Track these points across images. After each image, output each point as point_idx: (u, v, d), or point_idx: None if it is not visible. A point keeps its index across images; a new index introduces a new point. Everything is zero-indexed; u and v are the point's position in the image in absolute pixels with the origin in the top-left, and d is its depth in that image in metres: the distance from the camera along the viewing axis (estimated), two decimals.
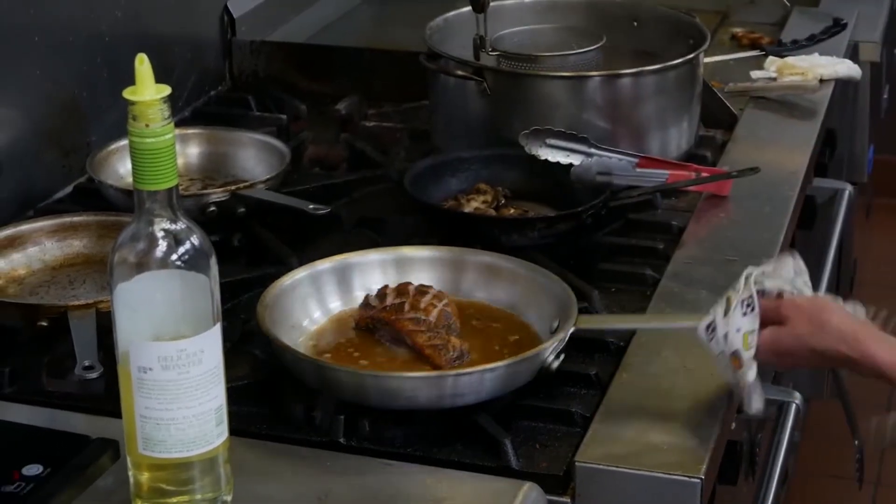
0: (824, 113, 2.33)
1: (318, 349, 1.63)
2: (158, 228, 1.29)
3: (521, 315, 1.68)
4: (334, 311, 1.70)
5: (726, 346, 1.48)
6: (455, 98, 2.15)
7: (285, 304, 1.65)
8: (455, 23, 2.27)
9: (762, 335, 1.49)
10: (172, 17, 2.37)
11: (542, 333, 1.63)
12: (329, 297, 1.70)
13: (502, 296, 1.71)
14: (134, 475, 1.35)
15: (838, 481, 3.14)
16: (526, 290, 1.69)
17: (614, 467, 1.45)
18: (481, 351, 1.61)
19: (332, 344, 1.65)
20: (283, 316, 1.64)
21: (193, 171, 2.10)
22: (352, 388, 1.51)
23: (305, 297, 1.68)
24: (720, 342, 1.49)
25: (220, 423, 1.33)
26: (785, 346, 1.49)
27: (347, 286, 1.71)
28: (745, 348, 1.47)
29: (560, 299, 1.63)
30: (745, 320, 1.48)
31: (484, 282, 1.72)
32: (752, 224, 1.96)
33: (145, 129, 1.25)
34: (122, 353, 1.30)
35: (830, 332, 1.48)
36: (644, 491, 1.44)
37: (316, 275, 1.70)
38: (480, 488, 1.43)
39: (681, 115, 2.15)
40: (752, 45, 2.64)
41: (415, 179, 1.99)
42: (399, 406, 1.51)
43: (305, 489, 1.43)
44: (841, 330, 1.48)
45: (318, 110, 2.39)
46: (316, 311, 1.69)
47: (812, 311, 1.50)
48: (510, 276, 1.71)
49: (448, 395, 1.50)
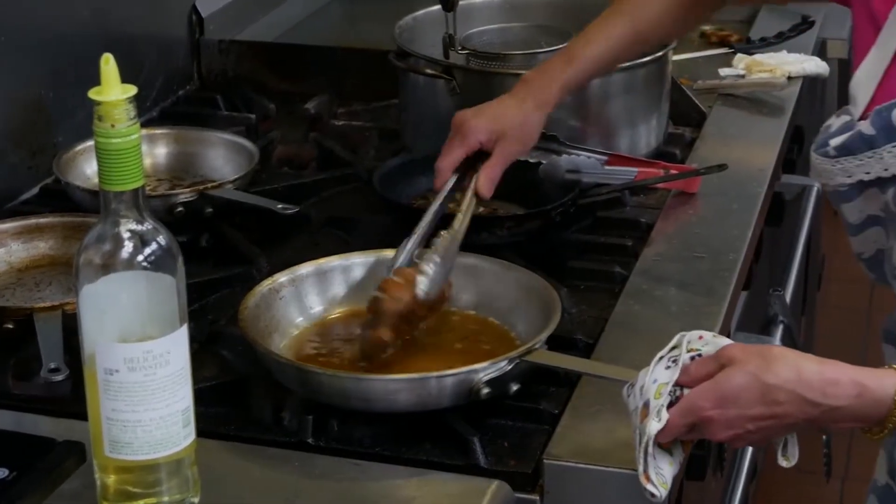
0: (792, 110, 2.34)
1: (301, 353, 1.63)
2: (124, 229, 1.28)
3: (504, 322, 1.67)
4: (316, 315, 1.69)
5: (639, 400, 1.36)
6: (425, 97, 2.15)
7: (268, 308, 1.64)
8: (424, 21, 2.27)
9: (703, 384, 1.34)
10: (140, 16, 2.36)
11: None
12: (310, 301, 1.70)
13: (484, 300, 1.70)
14: (100, 478, 1.34)
15: (806, 475, 3.14)
16: (510, 296, 1.68)
17: (583, 464, 1.45)
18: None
19: (315, 347, 1.64)
20: (265, 319, 1.63)
21: (161, 171, 2.09)
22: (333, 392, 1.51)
23: (288, 300, 1.68)
24: (636, 396, 1.37)
25: (188, 425, 1.33)
26: (733, 387, 1.32)
27: (328, 289, 1.71)
28: (656, 397, 1.34)
29: (546, 312, 1.61)
30: (665, 373, 1.36)
31: (472, 286, 1.71)
32: (720, 221, 1.96)
33: (111, 129, 1.25)
34: (88, 354, 1.30)
35: (787, 364, 1.33)
36: (612, 488, 1.44)
37: (297, 279, 1.69)
38: (449, 487, 1.43)
39: (650, 113, 2.15)
40: (720, 43, 2.64)
41: (384, 178, 1.99)
42: (380, 409, 1.51)
43: (274, 490, 1.43)
44: (797, 360, 1.34)
45: (286, 109, 2.39)
46: (298, 315, 1.68)
47: (761, 349, 1.36)
48: (496, 280, 1.70)
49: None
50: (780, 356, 1.34)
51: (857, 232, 1.60)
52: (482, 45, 2.19)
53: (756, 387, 1.32)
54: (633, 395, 1.38)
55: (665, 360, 1.37)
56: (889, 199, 1.53)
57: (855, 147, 1.53)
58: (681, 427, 1.35)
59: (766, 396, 1.32)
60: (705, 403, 1.33)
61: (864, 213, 1.57)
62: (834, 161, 1.54)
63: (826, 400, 1.32)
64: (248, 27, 2.64)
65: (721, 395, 1.33)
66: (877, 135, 1.52)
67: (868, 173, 1.52)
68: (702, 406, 1.33)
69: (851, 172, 1.52)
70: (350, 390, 1.50)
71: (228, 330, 1.68)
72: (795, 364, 1.33)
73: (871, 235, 1.59)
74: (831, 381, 1.32)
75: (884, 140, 1.51)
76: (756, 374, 1.32)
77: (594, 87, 2.08)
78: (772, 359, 1.33)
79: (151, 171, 2.07)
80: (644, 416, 1.34)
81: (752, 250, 1.95)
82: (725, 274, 1.82)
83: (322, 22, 2.84)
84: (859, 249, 1.62)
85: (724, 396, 1.32)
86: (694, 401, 1.34)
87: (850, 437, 3.29)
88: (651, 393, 1.34)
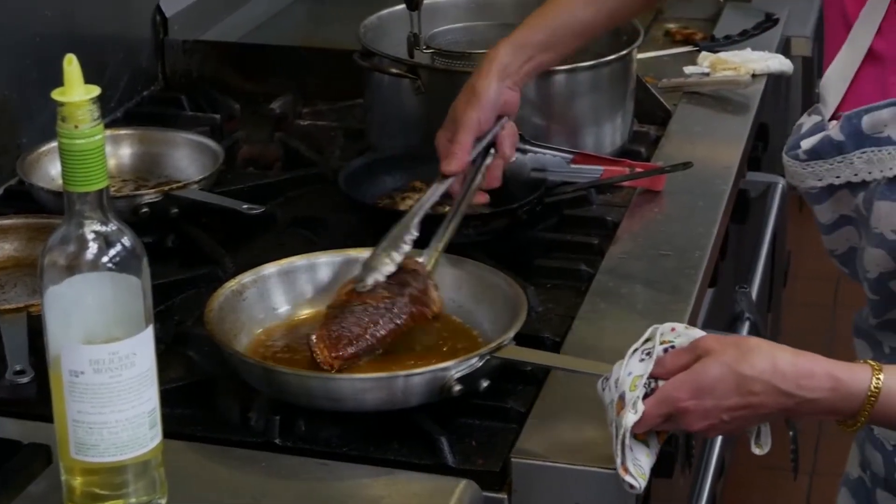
0: (757, 107, 2.35)
1: (268, 353, 1.62)
2: (89, 230, 1.28)
3: (470, 322, 1.67)
4: (283, 315, 1.69)
5: (614, 393, 1.37)
6: (390, 96, 2.14)
7: (232, 309, 1.64)
8: (389, 21, 2.26)
9: (678, 375, 1.35)
10: (104, 16, 2.35)
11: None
12: (276, 301, 1.69)
13: (457, 298, 1.70)
14: (67, 480, 1.34)
15: (774, 472, 3.16)
16: (480, 296, 1.68)
17: (550, 463, 1.45)
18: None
19: (281, 347, 1.64)
20: (230, 320, 1.63)
21: (126, 172, 2.09)
22: (298, 391, 1.51)
23: (253, 301, 1.67)
24: (611, 389, 1.38)
25: (154, 426, 1.32)
26: (709, 378, 1.33)
27: (293, 289, 1.71)
28: (631, 389, 1.35)
29: (512, 310, 1.61)
30: (639, 365, 1.37)
31: (445, 284, 1.71)
32: (685, 218, 1.97)
33: (74, 130, 1.24)
34: (53, 356, 1.29)
35: (762, 355, 1.34)
36: (580, 486, 1.44)
37: (262, 278, 1.69)
38: (417, 487, 1.43)
39: (615, 111, 2.15)
40: (685, 41, 2.65)
41: (350, 178, 1.99)
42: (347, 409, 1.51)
43: (241, 491, 1.42)
44: (772, 351, 1.35)
45: (251, 109, 2.38)
46: (261, 313, 1.68)
47: (737, 340, 1.37)
48: (467, 280, 1.70)
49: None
50: (756, 347, 1.35)
51: (830, 231, 1.61)
52: (447, 44, 2.19)
53: (732, 378, 1.33)
54: (608, 389, 1.39)
55: (639, 353, 1.38)
56: (860, 202, 1.54)
57: (825, 152, 1.54)
58: (656, 418, 1.36)
59: (741, 387, 1.33)
60: (681, 394, 1.34)
61: (836, 213, 1.58)
62: (804, 164, 1.55)
63: (801, 392, 1.33)
64: (212, 27, 2.63)
65: (697, 386, 1.34)
66: (846, 141, 1.52)
67: (838, 177, 1.53)
68: (678, 397, 1.34)
69: (822, 176, 1.53)
70: (316, 390, 1.50)
71: (195, 331, 1.68)
72: (771, 355, 1.34)
73: (843, 234, 1.60)
74: (806, 373, 1.33)
75: (853, 146, 1.52)
76: (731, 365, 1.33)
77: (559, 84, 2.08)
78: (747, 350, 1.34)
79: (116, 171, 2.06)
80: (620, 409, 1.35)
81: (717, 248, 1.96)
82: (691, 271, 1.83)
83: (286, 22, 2.84)
84: (832, 247, 1.63)
85: (700, 387, 1.33)
86: (670, 392, 1.35)
87: (818, 432, 3.31)
88: (626, 385, 1.35)
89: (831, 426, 1.41)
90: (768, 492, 3.22)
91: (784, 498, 3.23)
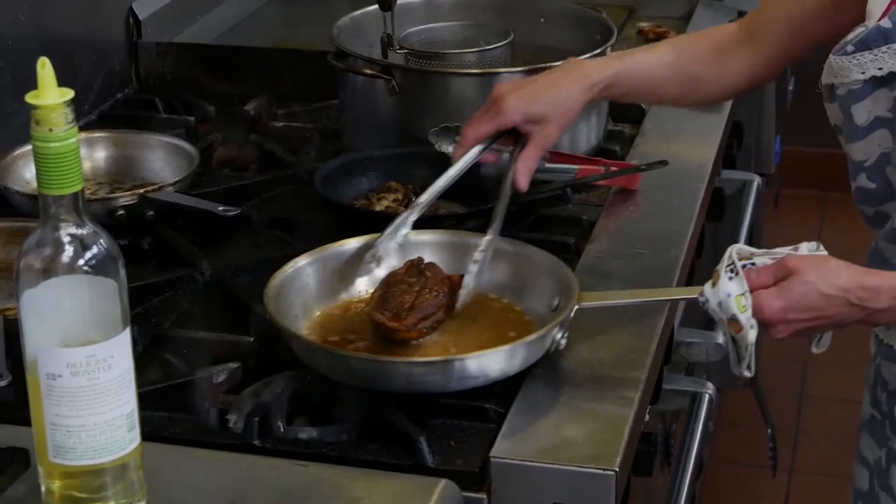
0: (731, 105, 2.35)
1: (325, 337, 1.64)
2: (64, 233, 1.27)
3: (518, 301, 1.70)
4: (342, 298, 1.71)
5: (723, 314, 1.53)
6: (364, 97, 2.14)
7: (288, 292, 1.65)
8: (362, 21, 2.26)
9: (768, 291, 1.52)
10: (77, 19, 2.34)
11: (540, 317, 1.65)
12: (331, 285, 1.71)
13: (499, 278, 1.72)
14: (45, 483, 1.33)
15: (753, 469, 3.18)
16: (524, 273, 1.71)
17: (529, 462, 1.45)
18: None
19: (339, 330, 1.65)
20: (287, 303, 1.64)
21: (101, 175, 2.08)
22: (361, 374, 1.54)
23: (307, 284, 1.68)
24: (716, 311, 1.54)
25: (132, 429, 1.32)
26: (795, 295, 1.51)
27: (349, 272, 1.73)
28: (741, 311, 1.52)
29: (559, 280, 1.66)
30: (733, 284, 1.52)
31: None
32: (661, 217, 1.97)
33: (49, 133, 1.24)
34: (30, 360, 1.29)
35: (839, 274, 1.52)
36: (559, 485, 1.44)
37: (318, 261, 1.70)
38: (396, 487, 1.43)
39: (589, 110, 2.15)
40: (658, 40, 2.65)
41: (325, 179, 1.99)
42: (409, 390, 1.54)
43: (220, 493, 1.42)
44: (847, 272, 1.53)
45: (226, 111, 2.38)
46: (317, 299, 1.69)
47: (817, 262, 1.54)
48: (506, 258, 1.72)
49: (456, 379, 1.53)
50: (835, 269, 1.53)
51: (864, 135, 1.65)
52: (421, 45, 2.19)
53: (813, 295, 1.52)
54: (710, 310, 1.55)
55: (725, 274, 1.54)
56: None
57: (871, 41, 1.60)
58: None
59: (821, 303, 1.52)
60: (771, 309, 1.52)
61: (872, 114, 1.63)
62: (850, 57, 1.60)
63: (871, 304, 1.53)
64: (185, 29, 2.62)
65: (784, 303, 1.52)
66: (893, 28, 1.58)
67: (881, 69, 1.59)
68: (768, 310, 1.52)
69: (865, 68, 1.60)
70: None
71: (172, 332, 1.68)
72: (846, 275, 1.53)
73: (875, 139, 1.64)
74: (874, 288, 1.53)
75: None
76: (814, 283, 1.52)
77: None
78: (826, 270, 1.53)
79: (91, 174, 2.06)
80: (738, 329, 1.53)
81: (693, 245, 1.97)
82: (668, 270, 1.83)
83: (260, 23, 2.83)
84: (862, 157, 1.66)
85: (786, 304, 1.52)
86: (760, 307, 1.52)
87: (796, 431, 3.32)
88: (734, 307, 1.52)
89: (809, 424, 1.43)
90: (747, 490, 3.23)
91: (763, 496, 3.24)
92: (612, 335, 1.66)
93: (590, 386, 1.58)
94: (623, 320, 1.68)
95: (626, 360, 1.62)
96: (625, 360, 1.62)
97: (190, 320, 1.75)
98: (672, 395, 2.06)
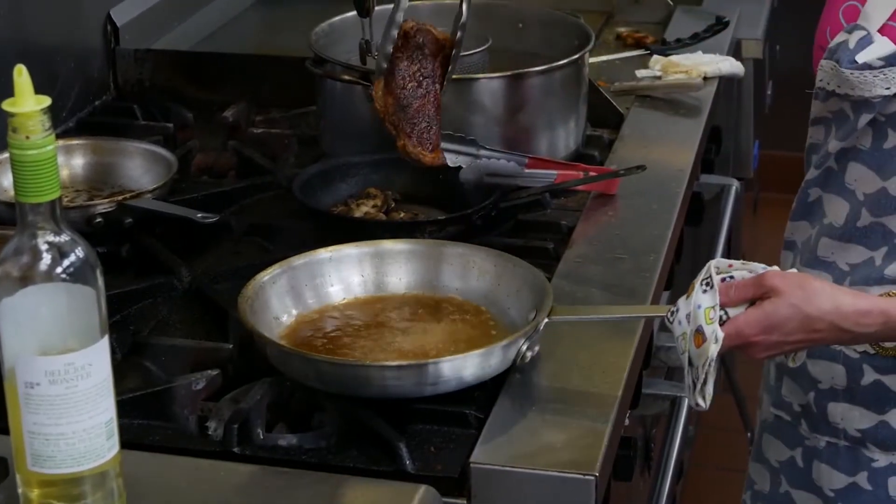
0: (709, 110, 2.36)
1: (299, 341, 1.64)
2: (42, 241, 1.27)
3: (495, 309, 1.70)
4: (312, 305, 1.70)
5: (689, 326, 1.50)
6: (343, 103, 2.14)
7: (264, 299, 1.65)
8: (341, 27, 2.26)
9: (750, 312, 1.49)
10: (55, 26, 2.33)
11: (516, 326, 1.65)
12: (305, 293, 1.70)
13: (477, 287, 1.72)
14: (24, 492, 1.33)
15: (733, 473, 3.17)
16: (501, 283, 1.71)
17: (509, 468, 1.45)
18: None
19: (319, 335, 1.65)
20: (263, 309, 1.64)
21: (79, 182, 2.08)
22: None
23: (282, 292, 1.68)
24: (683, 323, 1.51)
25: (111, 437, 1.32)
26: (779, 318, 1.49)
27: (323, 281, 1.72)
28: (708, 322, 1.49)
29: (537, 291, 1.65)
30: (705, 297, 1.50)
31: (459, 274, 1.72)
32: (640, 222, 1.98)
33: (26, 140, 1.24)
34: (8, 368, 1.28)
35: (825, 296, 1.50)
36: (539, 490, 1.44)
37: (291, 270, 1.69)
38: (376, 493, 1.43)
39: (568, 116, 2.16)
40: (636, 45, 2.66)
41: (304, 185, 1.98)
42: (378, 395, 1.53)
43: (200, 501, 1.42)
44: (833, 293, 1.51)
45: (204, 118, 2.37)
46: (291, 306, 1.68)
47: (801, 281, 1.51)
48: (484, 268, 1.72)
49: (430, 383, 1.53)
50: (820, 289, 1.51)
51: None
52: None
53: (798, 318, 1.49)
54: (676, 322, 1.51)
55: (700, 286, 1.50)
56: None
57: None
58: (726, 349, 1.51)
59: (806, 326, 1.50)
60: (752, 331, 1.50)
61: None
62: (876, 73, 1.60)
63: (857, 328, 1.51)
64: (163, 36, 2.62)
65: (767, 325, 1.49)
66: None
67: None
68: (749, 333, 1.50)
69: (890, 84, 1.60)
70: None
71: (151, 340, 1.67)
72: (833, 297, 1.51)
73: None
74: (863, 311, 1.51)
75: None
76: (799, 305, 1.49)
77: (512, 90, 2.09)
78: (812, 292, 1.50)
79: (69, 182, 2.05)
80: (700, 342, 1.49)
81: (672, 250, 1.97)
82: (647, 274, 1.83)
83: (238, 30, 2.83)
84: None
85: (769, 325, 1.49)
86: (742, 328, 1.50)
87: None
88: (702, 319, 1.49)
89: None
90: (727, 493, 3.23)
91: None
92: (591, 340, 1.66)
93: (570, 391, 1.58)
94: (602, 325, 1.68)
95: (605, 364, 1.62)
96: (604, 365, 1.62)
97: (169, 327, 1.75)
98: (652, 400, 2.06)
